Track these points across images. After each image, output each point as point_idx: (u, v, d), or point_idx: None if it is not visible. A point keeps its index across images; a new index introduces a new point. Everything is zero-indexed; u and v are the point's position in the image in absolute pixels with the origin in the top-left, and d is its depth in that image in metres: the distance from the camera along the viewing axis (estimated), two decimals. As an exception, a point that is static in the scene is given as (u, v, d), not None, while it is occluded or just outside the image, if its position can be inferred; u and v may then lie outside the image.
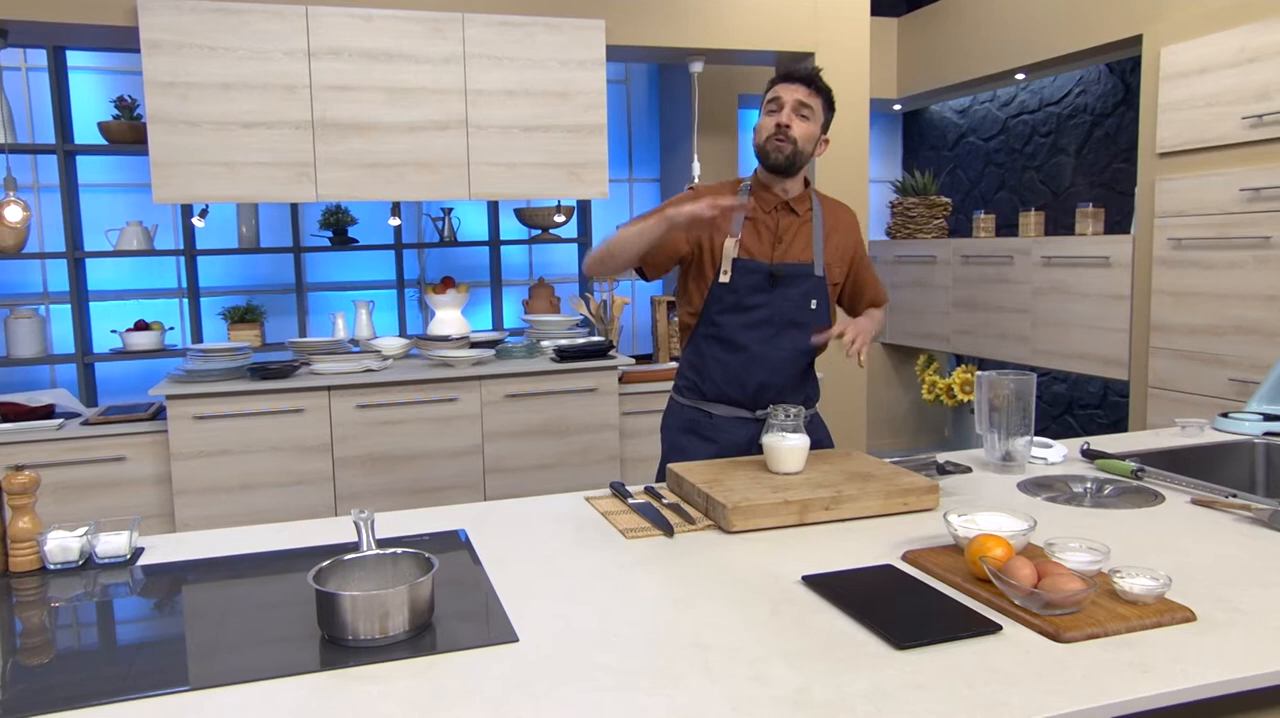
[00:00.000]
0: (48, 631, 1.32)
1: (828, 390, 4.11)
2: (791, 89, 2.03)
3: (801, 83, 2.03)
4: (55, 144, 3.72)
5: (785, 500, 1.67)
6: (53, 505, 3.09)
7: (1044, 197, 4.99)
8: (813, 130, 2.05)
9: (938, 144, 5.72)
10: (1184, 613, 1.24)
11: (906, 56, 5.26)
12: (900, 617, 1.25)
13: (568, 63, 3.53)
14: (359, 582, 1.30)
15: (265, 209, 4.16)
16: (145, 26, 3.07)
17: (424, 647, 1.22)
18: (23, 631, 1.31)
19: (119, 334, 3.93)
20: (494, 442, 3.50)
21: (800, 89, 2.03)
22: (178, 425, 3.13)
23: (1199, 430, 2.35)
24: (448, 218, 4.40)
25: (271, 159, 3.23)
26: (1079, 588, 1.23)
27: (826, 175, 4.03)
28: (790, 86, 2.03)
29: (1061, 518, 1.71)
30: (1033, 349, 4.37)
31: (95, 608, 1.40)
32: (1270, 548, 1.52)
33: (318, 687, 1.11)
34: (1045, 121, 4.98)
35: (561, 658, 1.18)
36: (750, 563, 1.51)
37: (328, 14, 3.25)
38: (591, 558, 1.55)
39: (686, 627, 1.26)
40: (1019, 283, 4.43)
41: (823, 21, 3.92)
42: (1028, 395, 2.02)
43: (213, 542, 1.68)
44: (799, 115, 2.03)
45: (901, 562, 1.49)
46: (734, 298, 2.08)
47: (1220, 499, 1.74)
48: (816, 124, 2.06)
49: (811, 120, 2.04)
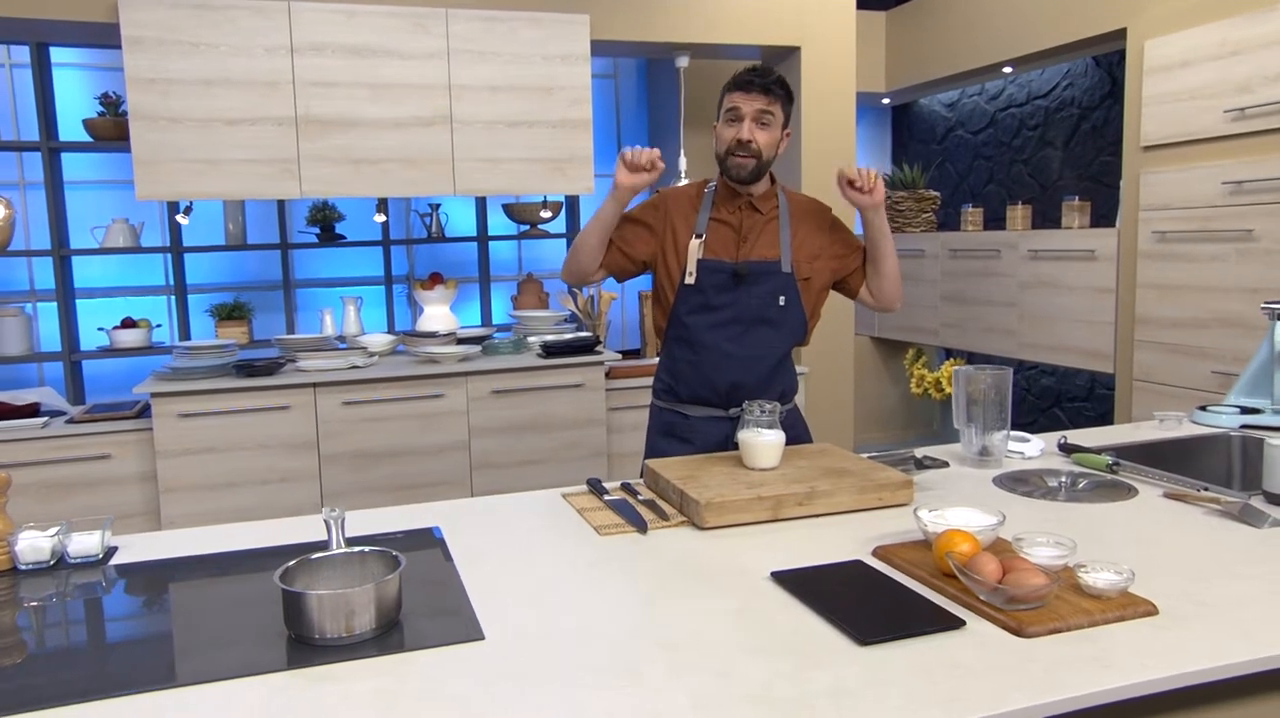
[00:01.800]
0: (18, 631, 1.32)
1: (814, 385, 4.12)
2: (751, 99, 2.00)
3: (761, 92, 2.00)
4: (40, 141, 3.71)
5: (759, 496, 1.68)
6: (37, 504, 3.09)
7: (1032, 190, 4.99)
8: (775, 135, 2.05)
9: (927, 138, 5.72)
10: (1146, 607, 1.25)
11: (894, 50, 5.25)
12: (866, 613, 1.26)
13: (551, 58, 3.52)
14: (326, 581, 1.31)
15: (252, 206, 4.16)
16: (126, 23, 3.06)
17: (391, 645, 1.22)
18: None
19: (106, 332, 3.93)
20: (480, 438, 3.50)
21: (760, 98, 2.00)
22: (163, 423, 3.13)
23: (1177, 424, 2.36)
24: (435, 214, 4.40)
25: (255, 156, 3.23)
26: (1042, 583, 1.23)
27: (813, 169, 4.03)
28: (749, 96, 2.00)
29: (1035, 512, 1.72)
30: (1019, 343, 4.38)
31: (65, 608, 1.40)
32: (1238, 541, 1.53)
33: (280, 687, 1.12)
34: (1033, 115, 4.98)
35: (528, 656, 1.18)
36: (721, 559, 1.51)
37: (310, 10, 3.24)
38: (564, 555, 1.56)
39: (653, 624, 1.27)
40: (1006, 276, 4.43)
41: (807, 16, 3.91)
42: (1004, 390, 2.03)
43: (187, 541, 1.68)
44: (760, 124, 2.02)
45: (872, 557, 1.50)
46: (700, 298, 2.09)
47: (1192, 493, 1.75)
48: (777, 128, 2.05)
49: (773, 125, 2.04)
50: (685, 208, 2.14)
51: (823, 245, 2.17)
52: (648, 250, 2.13)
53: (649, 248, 2.13)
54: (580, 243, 2.05)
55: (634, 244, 2.14)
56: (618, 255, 2.14)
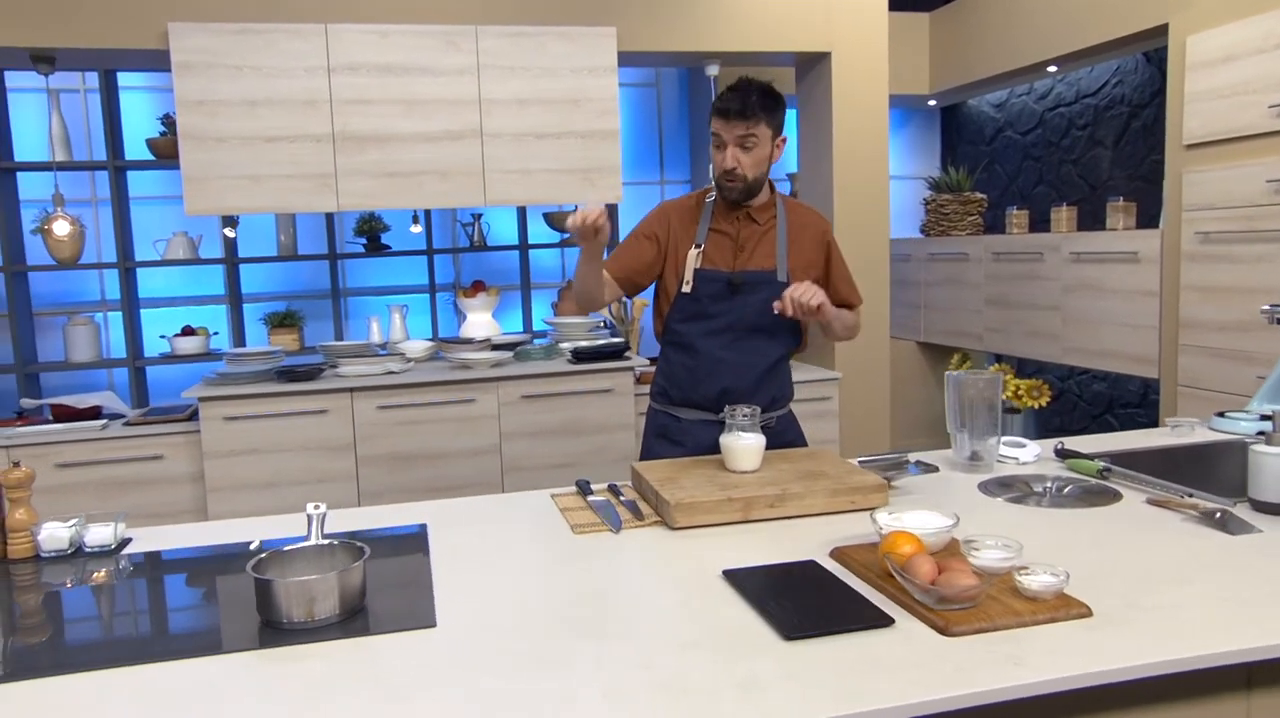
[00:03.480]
0: (41, 612, 1.46)
1: (848, 389, 4.11)
2: (730, 126, 2.03)
3: (739, 119, 2.02)
4: (107, 160, 3.96)
5: (729, 498, 1.72)
6: (96, 501, 3.31)
7: (1081, 190, 4.88)
8: (762, 154, 2.08)
9: (975, 139, 5.64)
10: (1080, 609, 1.26)
11: (938, 52, 5.20)
12: (799, 610, 1.29)
13: (579, 70, 3.61)
14: (298, 570, 1.40)
15: (303, 218, 4.36)
16: (176, 49, 3.26)
17: (351, 630, 1.31)
18: (20, 612, 1.45)
19: (167, 339, 4.17)
20: (511, 442, 3.60)
21: (739, 125, 2.03)
22: (210, 426, 3.31)
23: (1189, 430, 2.31)
24: (478, 223, 4.53)
25: (295, 171, 3.40)
26: (972, 584, 1.25)
27: (845, 175, 4.03)
28: (729, 124, 2.03)
29: (1008, 517, 1.72)
30: (1063, 347, 4.29)
31: (76, 593, 1.53)
32: (1205, 547, 1.51)
33: (244, 664, 1.21)
34: (1082, 114, 4.87)
35: (471, 643, 1.26)
36: (682, 558, 1.56)
37: (346, 31, 3.39)
38: (535, 552, 1.63)
39: (598, 617, 1.33)
40: (1049, 279, 4.34)
41: (837, 21, 3.92)
42: (995, 396, 2.03)
43: (194, 534, 1.81)
44: (743, 149, 2.05)
45: (829, 558, 1.53)
46: (696, 306, 2.14)
47: (1174, 499, 1.73)
48: (765, 145, 2.08)
49: (758, 145, 2.06)
50: (686, 219, 2.20)
51: (816, 261, 2.21)
52: (656, 263, 2.18)
53: (658, 261, 2.19)
54: (580, 284, 2.08)
55: (642, 259, 2.18)
56: (628, 274, 2.17)
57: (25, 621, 1.40)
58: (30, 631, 1.37)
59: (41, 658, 1.26)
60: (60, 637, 1.35)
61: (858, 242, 4.09)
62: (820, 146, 4.11)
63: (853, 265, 4.21)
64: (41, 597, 1.50)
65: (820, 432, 3.99)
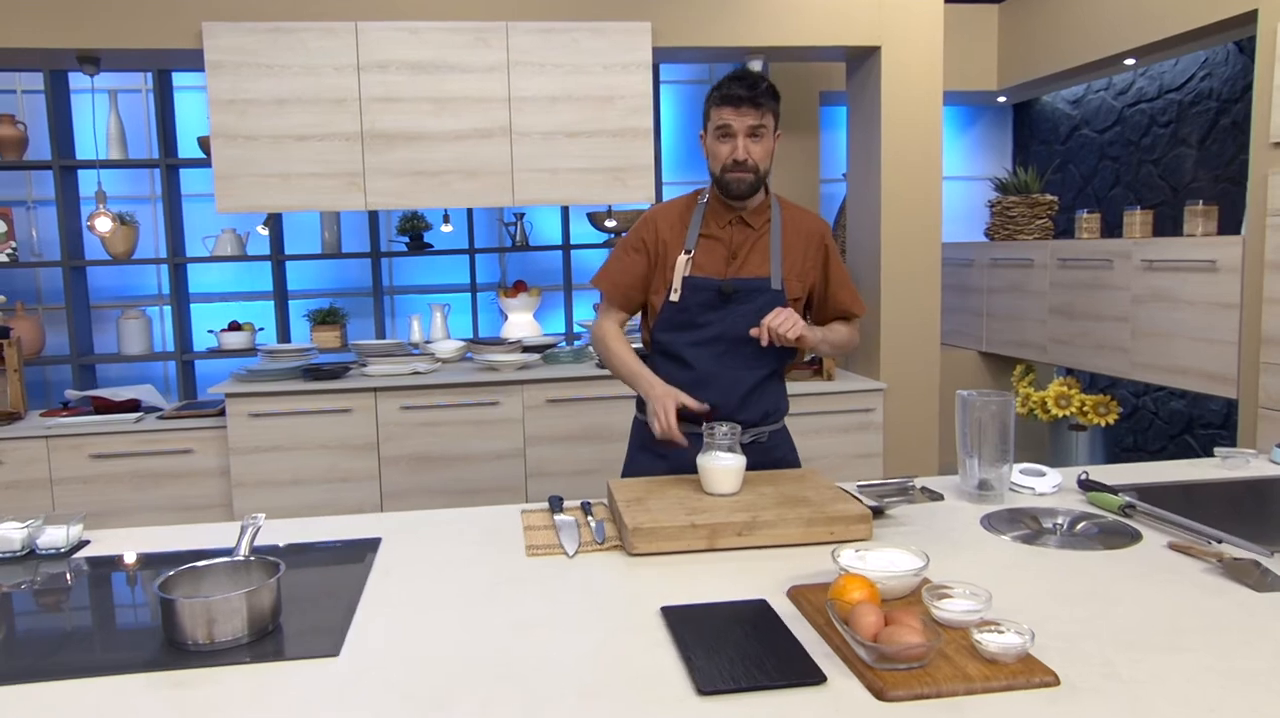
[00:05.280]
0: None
1: (893, 401, 3.90)
2: (741, 115, 1.91)
3: (751, 107, 1.91)
4: (159, 158, 4.05)
5: (693, 524, 1.59)
6: (131, 492, 3.37)
7: (1162, 193, 4.54)
8: (769, 145, 1.97)
9: (1049, 138, 5.32)
10: (1045, 676, 1.09)
11: (1007, 45, 4.91)
12: (726, 659, 1.17)
13: (612, 67, 3.51)
14: (209, 588, 1.34)
15: (348, 216, 4.38)
16: (209, 48, 3.29)
17: (258, 653, 1.24)
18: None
19: (215, 334, 4.24)
20: (536, 446, 3.53)
21: (750, 113, 1.91)
22: (236, 422, 3.34)
23: (1244, 463, 2.07)
24: (520, 223, 4.48)
25: (323, 170, 3.40)
26: (915, 643, 1.11)
27: (893, 177, 3.83)
28: (740, 113, 1.91)
29: (1001, 557, 1.55)
30: (1132, 362, 3.98)
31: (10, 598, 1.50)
32: (1218, 605, 1.32)
33: (121, 688, 1.15)
34: (1165, 110, 4.52)
35: (367, 675, 1.17)
36: (625, 589, 1.45)
37: (376, 29, 3.37)
38: (478, 574, 1.54)
39: (508, 654, 1.23)
40: (1118, 289, 4.04)
41: (888, 14, 3.71)
42: (1007, 419, 1.85)
43: (158, 538, 1.77)
44: (753, 138, 1.93)
45: (784, 597, 1.39)
46: (685, 316, 2.01)
47: (1196, 545, 1.52)
48: (770, 135, 1.96)
49: (766, 136, 1.95)
50: (675, 223, 2.07)
51: (813, 267, 2.07)
52: (649, 274, 2.07)
53: (650, 272, 2.07)
54: (610, 367, 2.10)
55: (634, 275, 2.07)
56: (626, 296, 2.08)
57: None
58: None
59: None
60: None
61: (907, 246, 3.89)
62: (869, 146, 3.91)
63: (902, 271, 4.05)
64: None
65: (862, 446, 3.81)
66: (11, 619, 1.42)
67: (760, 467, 1.98)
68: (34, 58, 3.53)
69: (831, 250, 2.09)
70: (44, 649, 1.29)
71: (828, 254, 2.08)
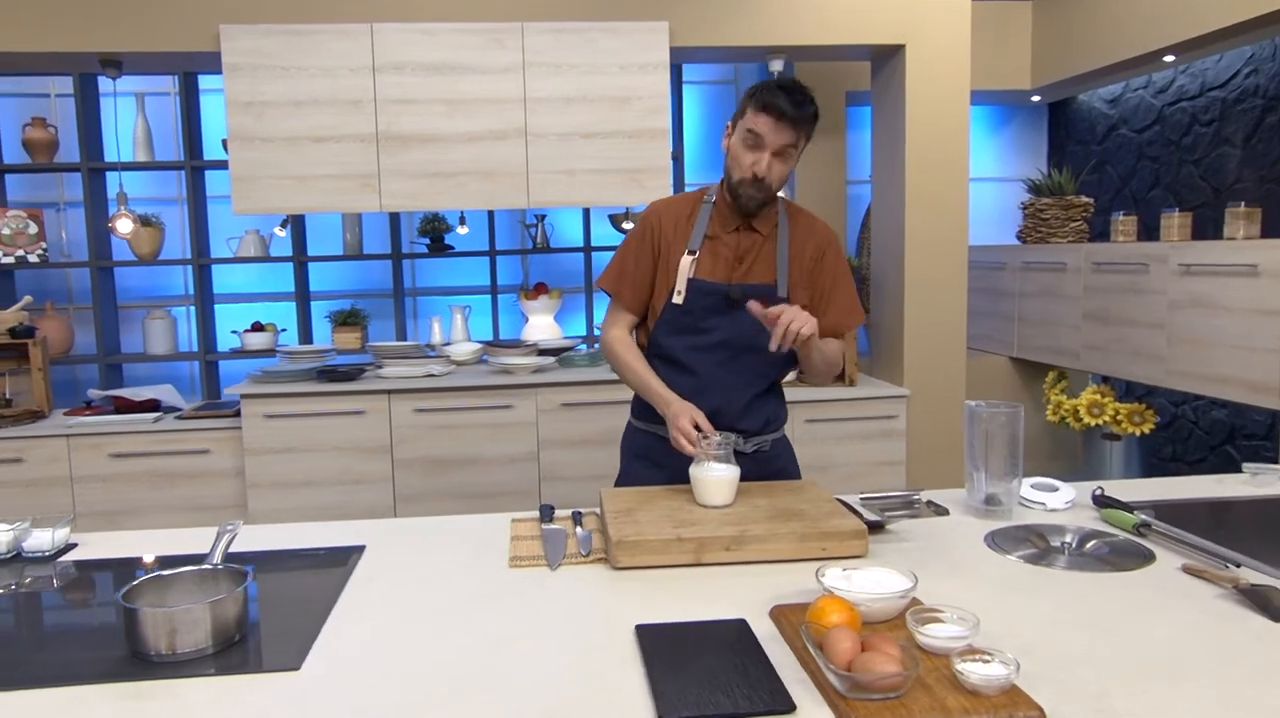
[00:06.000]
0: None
1: (917, 409, 3.81)
2: (779, 132, 1.80)
3: (791, 125, 1.80)
4: (184, 160, 4.09)
5: (679, 538, 1.54)
6: (149, 491, 3.40)
7: (1203, 194, 4.38)
8: (791, 167, 1.89)
9: (1086, 138, 5.17)
10: (1030, 711, 1.02)
11: (1041, 43, 4.78)
12: (693, 683, 1.11)
13: (629, 67, 3.46)
14: (175, 597, 1.32)
15: (369, 217, 4.38)
16: (227, 51, 3.31)
17: (224, 666, 1.21)
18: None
19: (238, 334, 4.27)
20: (550, 450, 3.50)
21: (788, 132, 1.81)
22: (251, 423, 3.35)
23: (1275, 479, 1.96)
24: (541, 225, 4.45)
25: (338, 171, 3.39)
26: (889, 673, 1.04)
27: (918, 179, 3.74)
28: (778, 128, 1.80)
29: (1002, 578, 1.47)
30: (1168, 369, 3.84)
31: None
32: (1229, 633, 1.23)
33: (80, 697, 1.13)
34: (1207, 108, 4.36)
35: (326, 690, 1.14)
36: (604, 605, 1.40)
37: (392, 30, 3.36)
38: (457, 585, 1.50)
39: (473, 670, 1.19)
40: (1154, 293, 3.90)
41: (913, 11, 3.62)
42: (1016, 432, 1.77)
43: (142, 542, 1.76)
44: (780, 158, 1.84)
45: (767, 617, 1.33)
46: (688, 319, 1.94)
47: (1211, 569, 1.43)
48: (796, 157, 1.88)
49: (792, 158, 1.86)
50: (680, 220, 2.00)
51: (816, 275, 1.99)
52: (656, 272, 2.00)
53: (656, 270, 2.00)
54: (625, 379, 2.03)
55: (648, 277, 2.00)
56: (640, 297, 2.01)
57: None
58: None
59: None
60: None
61: (933, 250, 3.79)
62: (893, 148, 3.82)
63: (927, 275, 3.95)
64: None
65: (884, 453, 3.72)
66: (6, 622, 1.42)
67: (761, 477, 1.92)
68: (61, 62, 3.58)
69: (839, 258, 2.01)
70: (7, 657, 1.28)
71: (834, 264, 2.00)
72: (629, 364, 1.98)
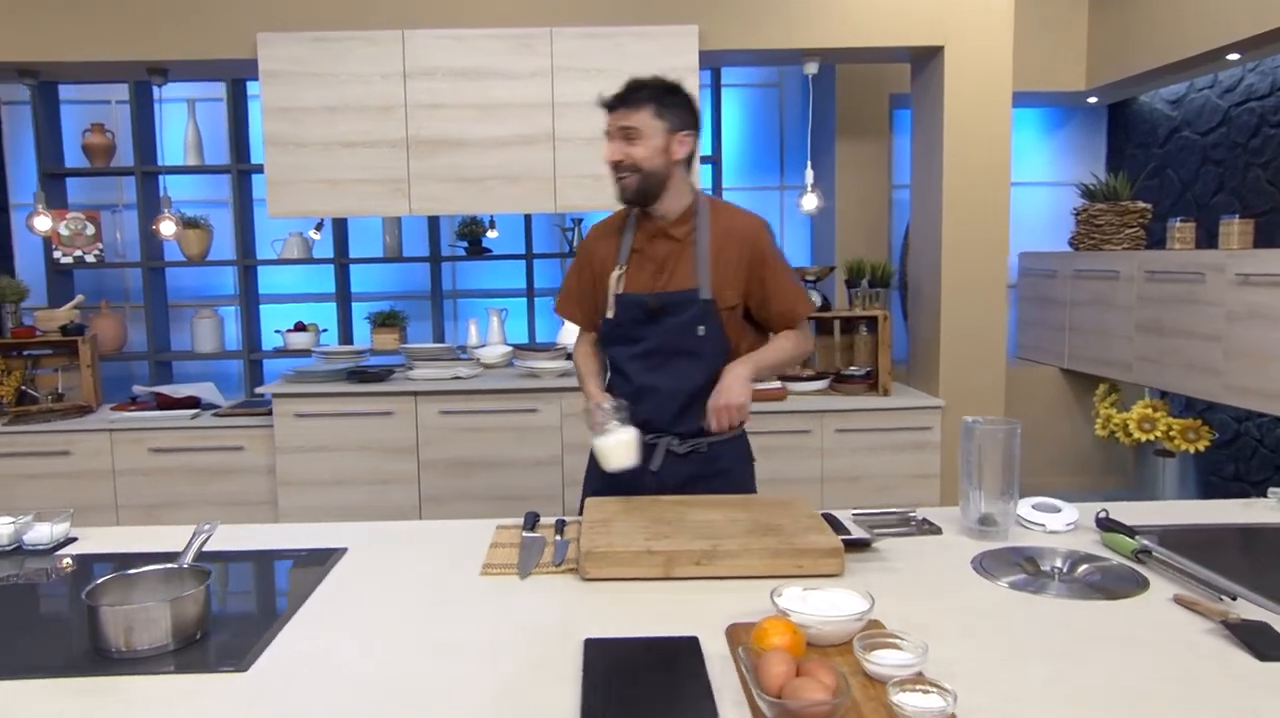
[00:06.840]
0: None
1: (952, 421, 3.69)
2: (613, 117, 1.94)
3: (619, 105, 1.93)
4: (230, 164, 4.21)
5: (649, 551, 1.52)
6: (187, 486, 3.51)
7: (1271, 199, 4.16)
8: (652, 145, 1.90)
9: (1147, 140, 4.96)
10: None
11: (1097, 42, 4.60)
12: (621, 703, 1.09)
13: (658, 71, 3.43)
14: (138, 595, 1.35)
15: (409, 219, 4.45)
16: (263, 58, 3.39)
17: (182, 664, 1.24)
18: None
19: (281, 334, 4.38)
20: (574, 454, 3.49)
21: (618, 113, 1.93)
22: (282, 422, 3.43)
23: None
24: (578, 228, 4.46)
25: (369, 176, 3.45)
26: (818, 700, 1.00)
27: (956, 183, 3.63)
28: (611, 115, 1.95)
29: (978, 603, 1.41)
30: (1224, 384, 3.65)
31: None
32: (1205, 671, 1.15)
33: (34, 691, 1.16)
34: (1278, 108, 4.15)
35: (267, 692, 1.15)
36: (562, 617, 1.39)
37: (422, 36, 3.41)
38: (425, 592, 1.50)
39: (416, 678, 1.19)
40: (1211, 304, 3.71)
41: (951, 11, 3.52)
42: (1013, 449, 1.69)
43: (138, 538, 1.81)
44: (627, 139, 1.90)
45: (722, 636, 1.30)
46: (620, 331, 2.01)
47: (1203, 601, 1.35)
48: (652, 137, 1.90)
49: (644, 137, 1.89)
50: (610, 239, 2.06)
51: (744, 270, 1.97)
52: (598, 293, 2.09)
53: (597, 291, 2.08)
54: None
55: (588, 296, 2.10)
56: (591, 318, 2.12)
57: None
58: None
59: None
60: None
61: (972, 256, 3.68)
62: (931, 151, 3.72)
63: (966, 282, 3.83)
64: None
65: (918, 466, 3.62)
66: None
67: (701, 478, 1.97)
68: (113, 70, 3.72)
69: (768, 250, 1.98)
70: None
71: (763, 256, 1.97)
72: (577, 369, 2.16)
